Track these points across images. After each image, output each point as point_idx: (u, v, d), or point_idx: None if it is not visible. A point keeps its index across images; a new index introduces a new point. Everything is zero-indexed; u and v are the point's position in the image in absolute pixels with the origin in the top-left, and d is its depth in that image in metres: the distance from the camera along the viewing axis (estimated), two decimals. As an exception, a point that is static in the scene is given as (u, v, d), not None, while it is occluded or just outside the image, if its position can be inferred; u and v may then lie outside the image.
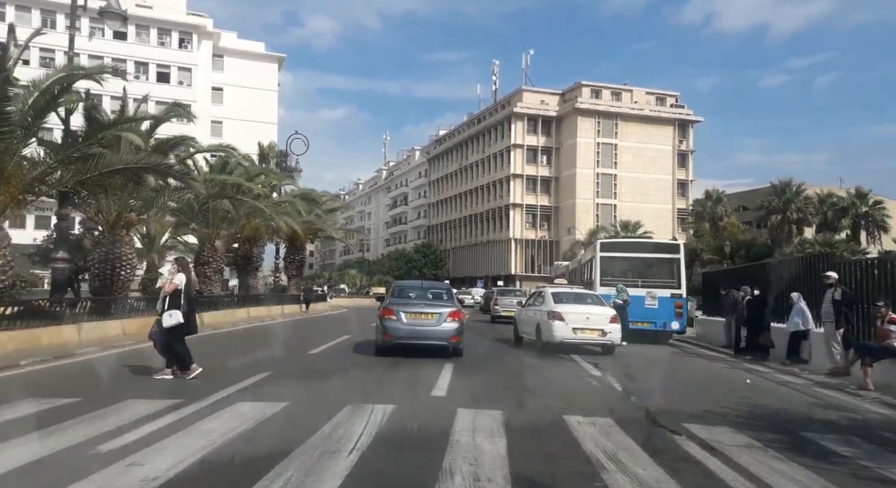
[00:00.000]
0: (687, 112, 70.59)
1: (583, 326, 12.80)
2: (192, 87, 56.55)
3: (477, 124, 77.24)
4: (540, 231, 69.35)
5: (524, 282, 65.83)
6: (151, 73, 55.42)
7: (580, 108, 66.59)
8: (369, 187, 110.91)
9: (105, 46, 52.76)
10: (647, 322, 17.12)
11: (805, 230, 44.35)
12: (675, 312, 17.06)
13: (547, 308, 13.29)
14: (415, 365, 10.28)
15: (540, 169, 69.52)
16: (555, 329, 12.76)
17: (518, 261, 68.62)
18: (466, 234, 77.47)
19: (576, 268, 25.50)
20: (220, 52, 59.68)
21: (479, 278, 69.54)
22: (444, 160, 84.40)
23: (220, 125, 57.31)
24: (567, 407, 7.01)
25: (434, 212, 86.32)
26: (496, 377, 9.76)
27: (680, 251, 17.31)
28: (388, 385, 8.41)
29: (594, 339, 12.98)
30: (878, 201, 43.40)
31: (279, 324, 21.26)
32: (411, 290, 12.83)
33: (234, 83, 59.70)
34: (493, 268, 70.48)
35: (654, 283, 17.38)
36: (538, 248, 69.10)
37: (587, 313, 13.08)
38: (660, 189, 68.59)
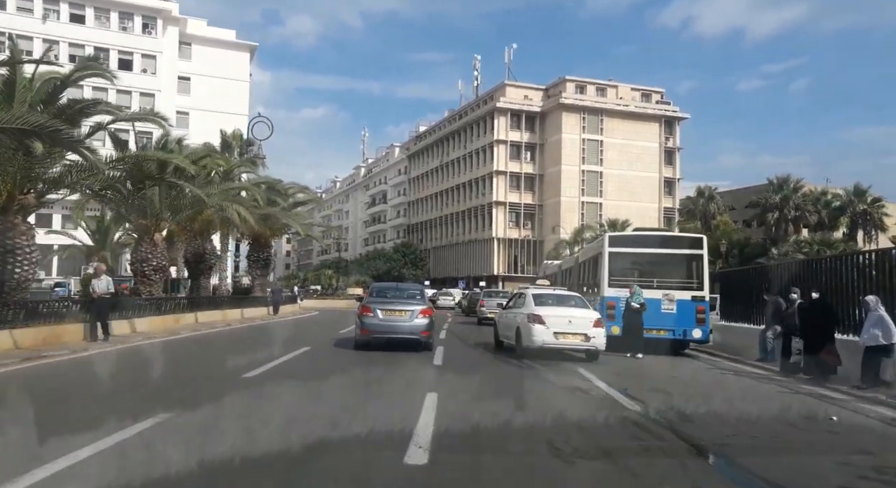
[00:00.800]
0: (673, 109, 68.60)
1: (565, 330, 11.86)
2: (157, 76, 52.90)
3: (458, 120, 74.43)
4: (524, 230, 66.77)
5: (507, 282, 63.20)
6: (112, 60, 51.40)
7: (564, 104, 64.18)
8: (347, 185, 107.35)
9: (60, 30, 48.91)
10: (663, 329, 14.40)
11: (800, 229, 42.30)
12: (696, 318, 14.35)
13: (527, 310, 12.40)
14: (384, 402, 7.37)
15: (524, 165, 66.94)
16: (535, 333, 11.89)
17: (501, 261, 65.94)
18: (448, 233, 74.59)
19: (570, 267, 22.75)
20: (188, 39, 56.08)
21: (460, 279, 66.70)
22: (425, 157, 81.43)
23: (187, 116, 53.66)
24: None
25: (414, 210, 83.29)
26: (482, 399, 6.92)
27: (703, 246, 14.60)
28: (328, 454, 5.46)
29: (576, 345, 12.06)
30: (877, 199, 41.54)
31: (231, 331, 18.15)
32: (387, 291, 13.96)
33: (203, 72, 56.11)
34: (476, 268, 67.71)
35: (672, 284, 14.67)
36: (522, 248, 66.50)
37: (569, 316, 12.10)
38: (646, 187, 66.44)
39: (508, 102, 66.29)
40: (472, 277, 66.40)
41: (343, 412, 6.52)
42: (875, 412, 7.90)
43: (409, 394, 7.53)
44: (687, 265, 14.86)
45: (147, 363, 10.63)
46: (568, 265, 23.97)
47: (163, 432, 5.39)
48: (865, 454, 5.71)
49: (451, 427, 5.85)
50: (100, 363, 6.87)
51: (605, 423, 6.66)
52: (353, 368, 9.83)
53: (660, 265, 14.93)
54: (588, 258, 17.88)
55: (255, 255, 28.65)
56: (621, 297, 14.39)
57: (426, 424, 5.88)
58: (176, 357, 11.80)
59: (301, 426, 5.71)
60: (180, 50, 55.32)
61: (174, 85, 54.63)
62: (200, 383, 8.52)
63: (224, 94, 55.68)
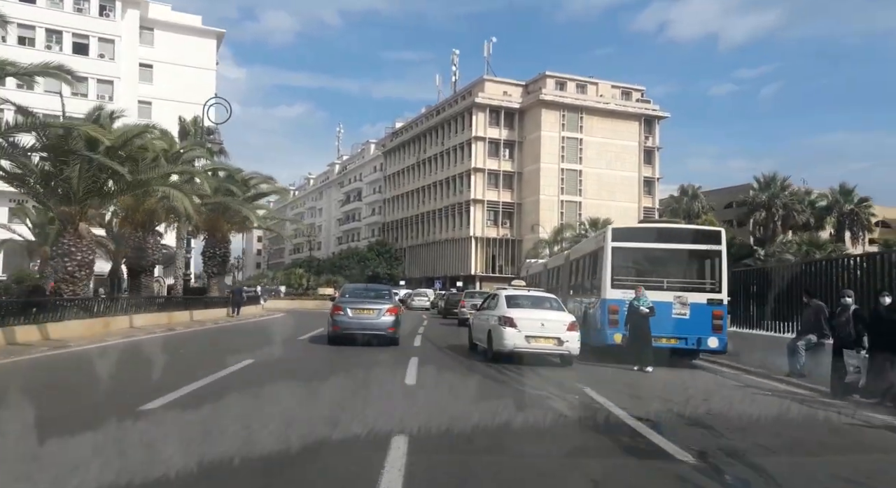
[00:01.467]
0: (653, 107, 67.27)
1: (537, 334, 11.32)
2: (116, 62, 49.42)
3: (436, 116, 72.10)
4: (502, 229, 64.74)
5: (485, 283, 61.13)
6: (66, 44, 48.04)
7: (544, 100, 62.31)
8: (321, 182, 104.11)
9: (7, 9, 45.15)
10: (674, 338, 12.28)
11: (787, 230, 40.92)
12: (712, 324, 12.25)
13: (499, 312, 11.85)
14: (329, 455, 4.99)
15: (502, 163, 64.92)
16: (506, 336, 11.34)
17: (479, 260, 63.79)
18: (424, 232, 72.20)
19: (559, 266, 20.60)
20: (150, 24, 52.68)
21: (437, 279, 64.41)
22: (401, 153, 78.91)
23: (149, 106, 50.52)
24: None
25: (389, 208, 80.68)
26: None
27: (721, 240, 12.49)
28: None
29: (549, 349, 11.49)
30: (863, 199, 40.39)
31: (170, 337, 15.52)
32: (357, 291, 15.05)
33: (167, 60, 52.80)
34: (453, 267, 65.47)
35: (685, 285, 12.57)
36: (500, 247, 64.47)
37: (542, 319, 11.51)
38: (626, 186, 64.98)
39: (487, 98, 64.19)
40: (449, 277, 64.16)
41: (264, 477, 4.17)
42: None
43: (366, 442, 5.19)
44: (702, 263, 12.76)
45: (22, 387, 8.07)
46: (556, 264, 21.81)
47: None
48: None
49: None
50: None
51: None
52: (297, 393, 7.44)
53: (671, 263, 12.81)
54: (583, 255, 15.70)
55: (211, 251, 25.90)
56: (626, 300, 12.25)
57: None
58: (67, 376, 9.22)
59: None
60: (142, 35, 51.92)
61: (135, 72, 51.24)
62: (80, 415, 6.02)
63: (189, 82, 52.37)
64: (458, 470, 4.65)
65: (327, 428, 5.53)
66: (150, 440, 5.14)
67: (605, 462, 5.16)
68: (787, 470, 5.16)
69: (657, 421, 6.58)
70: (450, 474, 4.54)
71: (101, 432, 5.17)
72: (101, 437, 5.06)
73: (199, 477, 4.10)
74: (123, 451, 4.72)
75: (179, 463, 4.20)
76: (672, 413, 7.40)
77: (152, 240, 19.32)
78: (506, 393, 8.28)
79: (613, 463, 5.15)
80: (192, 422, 5.86)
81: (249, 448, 4.73)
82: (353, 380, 8.72)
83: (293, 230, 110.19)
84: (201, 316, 22.93)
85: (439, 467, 4.70)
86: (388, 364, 10.56)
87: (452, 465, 4.78)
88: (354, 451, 5.02)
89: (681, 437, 5.92)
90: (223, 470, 4.27)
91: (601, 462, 5.13)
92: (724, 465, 5.04)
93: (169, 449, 4.73)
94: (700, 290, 12.45)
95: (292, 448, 4.85)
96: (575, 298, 16.51)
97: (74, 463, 4.19)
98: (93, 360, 10.84)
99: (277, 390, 7.69)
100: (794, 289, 12.62)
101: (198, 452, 4.47)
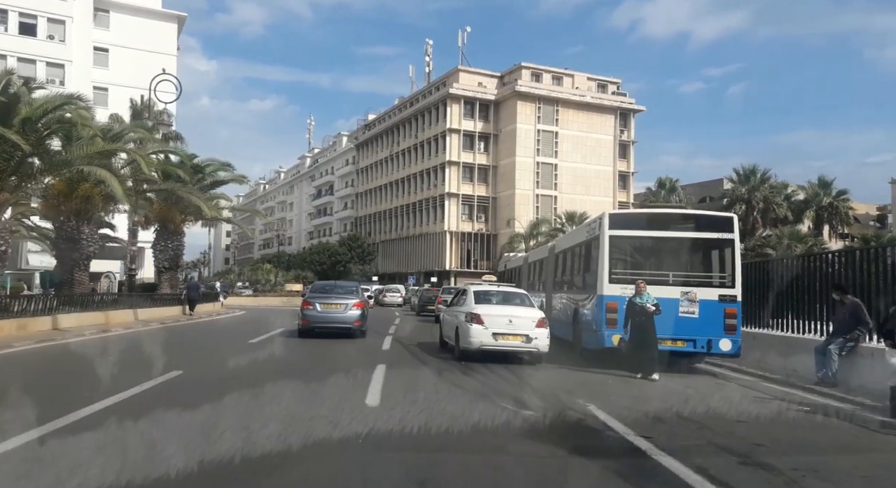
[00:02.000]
0: (629, 101, 66.25)
1: (504, 331, 10.85)
2: (67, 44, 46.15)
3: (409, 107, 69.96)
4: (477, 223, 63.03)
5: (460, 278, 59.44)
6: (12, 23, 44.70)
7: (520, 92, 60.69)
8: (292, 176, 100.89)
9: (-55, -16, 41.69)
10: (680, 340, 10.60)
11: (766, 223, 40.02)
12: (725, 324, 10.60)
13: (466, 309, 11.47)
14: None
15: (477, 156, 63.15)
16: (472, 333, 10.87)
17: (454, 255, 62.00)
18: (397, 226, 70.09)
19: (542, 259, 18.88)
20: (105, 5, 49.42)
21: (410, 274, 62.48)
22: (374, 146, 76.55)
23: (105, 92, 47.29)
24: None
25: (362, 202, 78.29)
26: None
27: (734, 227, 10.81)
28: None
29: (517, 346, 10.97)
30: (842, 191, 39.71)
31: (93, 342, 13.28)
32: (326, 288, 15.98)
33: (123, 44, 49.59)
34: (427, 263, 63.59)
35: (694, 279, 10.90)
36: (475, 242, 62.77)
37: (510, 316, 11.04)
38: (601, 180, 63.92)
39: (462, 89, 62.28)
40: (423, 272, 62.30)
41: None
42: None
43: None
44: (715, 254, 11.09)
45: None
46: (538, 257, 20.08)
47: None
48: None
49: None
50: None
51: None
52: (219, 426, 5.47)
53: (676, 253, 11.11)
54: (572, 246, 13.94)
55: (162, 244, 23.50)
56: (625, 297, 10.54)
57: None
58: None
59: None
60: (96, 17, 48.69)
61: (89, 56, 48.02)
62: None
63: (148, 68, 49.14)
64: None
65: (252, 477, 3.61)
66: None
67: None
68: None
69: (707, 467, 4.78)
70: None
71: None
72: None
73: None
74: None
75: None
76: (711, 444, 5.65)
77: (87, 229, 16.96)
78: (495, 417, 6.42)
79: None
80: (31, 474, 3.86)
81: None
82: (299, 402, 6.79)
83: (263, 224, 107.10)
84: (148, 315, 20.64)
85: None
86: (349, 375, 8.65)
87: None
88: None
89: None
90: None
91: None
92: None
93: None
94: (710, 285, 10.79)
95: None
96: (563, 295, 14.78)
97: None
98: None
99: (195, 416, 5.72)
100: (810, 284, 11.09)
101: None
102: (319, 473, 4.33)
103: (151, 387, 7.43)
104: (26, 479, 3.97)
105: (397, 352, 12.74)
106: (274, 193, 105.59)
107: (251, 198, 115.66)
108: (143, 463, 4.17)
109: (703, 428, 6.32)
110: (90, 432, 5.08)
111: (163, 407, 6.00)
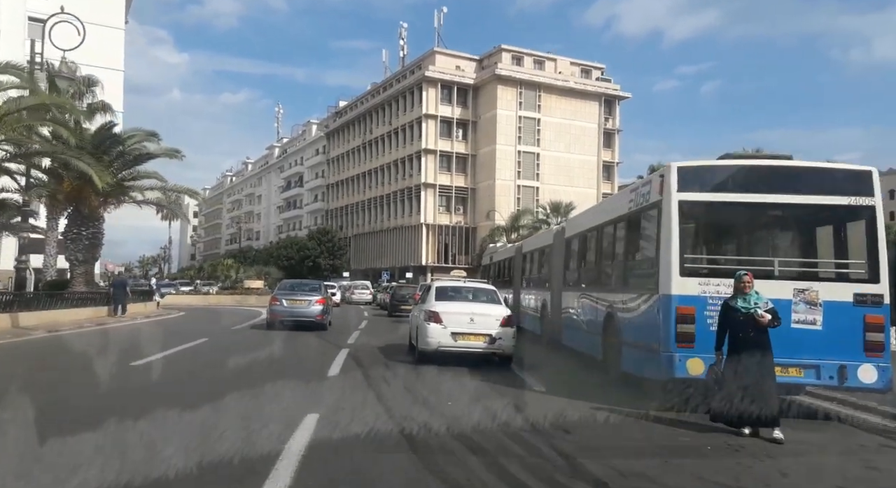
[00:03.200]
0: (614, 87, 62.82)
1: (465, 330, 9.72)
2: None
3: (382, 92, 65.50)
4: (455, 215, 58.98)
5: (437, 273, 55.39)
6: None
7: (500, 75, 56.68)
8: (260, 167, 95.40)
9: None
10: (795, 366, 6.64)
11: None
12: (865, 341, 6.71)
13: (426, 306, 10.37)
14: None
15: (455, 144, 59.03)
16: (430, 333, 9.77)
17: (430, 249, 57.89)
18: (371, 219, 65.65)
19: (545, 247, 14.91)
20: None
21: (384, 270, 58.19)
22: (345, 135, 71.86)
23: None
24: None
25: (333, 194, 73.56)
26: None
27: (875, 188, 6.86)
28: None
29: (479, 347, 9.78)
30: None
31: None
32: (293, 285, 17.85)
33: (64, 17, 44.05)
34: (402, 258, 59.36)
35: (813, 270, 7.02)
36: (453, 235, 58.75)
37: (472, 314, 9.89)
38: (584, 171, 60.44)
39: (438, 72, 58.04)
40: (399, 268, 58.08)
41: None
42: None
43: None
44: (843, 229, 7.18)
45: None
46: (538, 245, 16.08)
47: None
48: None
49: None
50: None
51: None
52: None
53: (784, 229, 7.22)
54: (600, 225, 9.90)
55: (75, 231, 18.91)
56: (707, 297, 6.60)
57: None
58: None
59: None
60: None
61: (23, 28, 42.50)
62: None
63: (92, 44, 43.98)
64: None
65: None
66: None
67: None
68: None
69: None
70: None
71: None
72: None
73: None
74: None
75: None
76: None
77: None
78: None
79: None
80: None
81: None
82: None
83: (230, 219, 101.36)
84: (52, 318, 16.16)
85: None
86: (269, 421, 4.52)
87: None
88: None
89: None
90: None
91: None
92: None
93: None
94: (839, 279, 6.87)
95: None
96: (581, 294, 10.81)
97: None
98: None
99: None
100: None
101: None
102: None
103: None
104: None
105: (350, 375, 8.62)
106: (241, 186, 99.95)
107: (217, 191, 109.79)
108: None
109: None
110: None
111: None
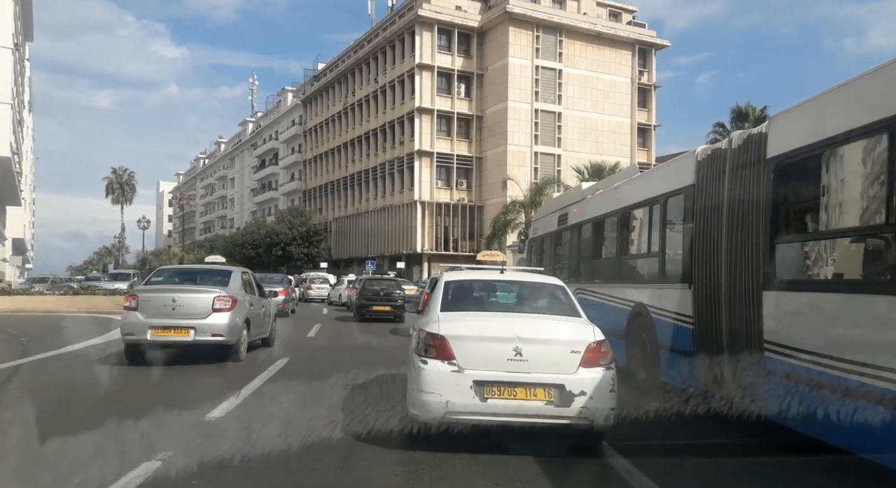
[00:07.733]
0: (649, 33, 50.44)
1: (505, 378, 4.57)
2: None
3: (367, 44, 53.02)
4: (457, 191, 46.67)
5: (434, 264, 43.24)
6: None
7: (512, 14, 44.13)
8: (233, 146, 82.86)
9: None
10: None
11: None
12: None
13: (422, 323, 6.21)
14: None
15: (457, 102, 46.58)
16: (426, 386, 4.84)
17: (427, 233, 45.60)
18: (354, 199, 53.34)
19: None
20: None
21: (370, 259, 45.85)
22: (324, 100, 59.36)
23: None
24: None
25: (311, 171, 61.17)
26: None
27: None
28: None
29: (535, 415, 4.56)
30: None
31: None
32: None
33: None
34: (392, 244, 47.12)
35: None
36: (455, 216, 46.45)
37: (517, 338, 4.71)
38: (616, 135, 48.08)
39: (434, 11, 45.45)
40: (388, 257, 45.87)
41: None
42: None
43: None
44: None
45: None
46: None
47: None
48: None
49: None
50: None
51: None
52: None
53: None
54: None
55: None
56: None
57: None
58: None
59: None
60: None
61: None
62: None
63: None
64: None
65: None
66: None
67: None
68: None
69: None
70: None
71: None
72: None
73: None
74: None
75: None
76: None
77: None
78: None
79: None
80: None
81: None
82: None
83: (203, 206, 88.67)
84: None
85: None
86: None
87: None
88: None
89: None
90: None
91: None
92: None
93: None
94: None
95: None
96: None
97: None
98: None
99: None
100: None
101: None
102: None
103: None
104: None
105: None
106: (214, 168, 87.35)
107: (190, 176, 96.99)
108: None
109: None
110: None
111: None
